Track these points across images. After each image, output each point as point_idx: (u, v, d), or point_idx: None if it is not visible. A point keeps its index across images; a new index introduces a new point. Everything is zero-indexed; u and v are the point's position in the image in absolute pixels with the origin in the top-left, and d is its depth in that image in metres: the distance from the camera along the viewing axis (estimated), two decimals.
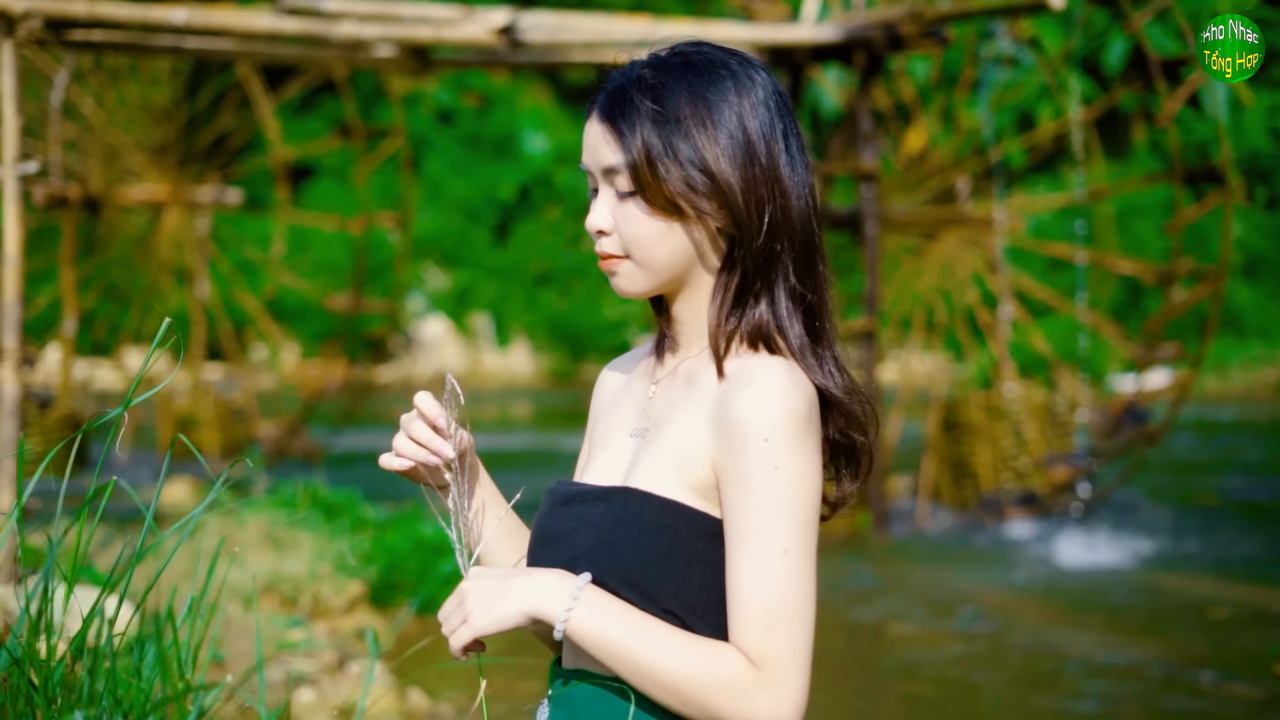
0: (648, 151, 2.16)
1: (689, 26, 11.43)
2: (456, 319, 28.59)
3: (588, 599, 2.10)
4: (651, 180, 2.17)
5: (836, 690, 7.94)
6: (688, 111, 2.17)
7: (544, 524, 2.29)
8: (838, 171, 12.33)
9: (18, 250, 8.19)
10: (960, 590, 10.16)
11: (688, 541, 2.15)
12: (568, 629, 2.10)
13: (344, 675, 7.46)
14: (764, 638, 2.06)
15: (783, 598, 2.07)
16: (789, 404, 2.10)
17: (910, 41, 11.26)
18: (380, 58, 10.71)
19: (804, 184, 2.22)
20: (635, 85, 2.20)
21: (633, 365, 2.45)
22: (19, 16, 8.22)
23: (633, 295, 2.28)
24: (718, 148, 2.16)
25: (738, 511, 2.10)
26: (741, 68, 2.23)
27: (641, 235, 2.21)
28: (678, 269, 2.23)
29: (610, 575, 2.14)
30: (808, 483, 2.10)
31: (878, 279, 11.72)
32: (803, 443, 2.10)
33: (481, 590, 2.13)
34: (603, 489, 2.25)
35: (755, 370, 2.15)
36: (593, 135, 2.24)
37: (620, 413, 2.38)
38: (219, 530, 9.30)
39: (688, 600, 2.14)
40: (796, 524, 2.09)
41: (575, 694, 2.24)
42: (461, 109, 31.30)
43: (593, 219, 2.25)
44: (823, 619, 7.42)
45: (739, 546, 2.09)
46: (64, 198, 15.02)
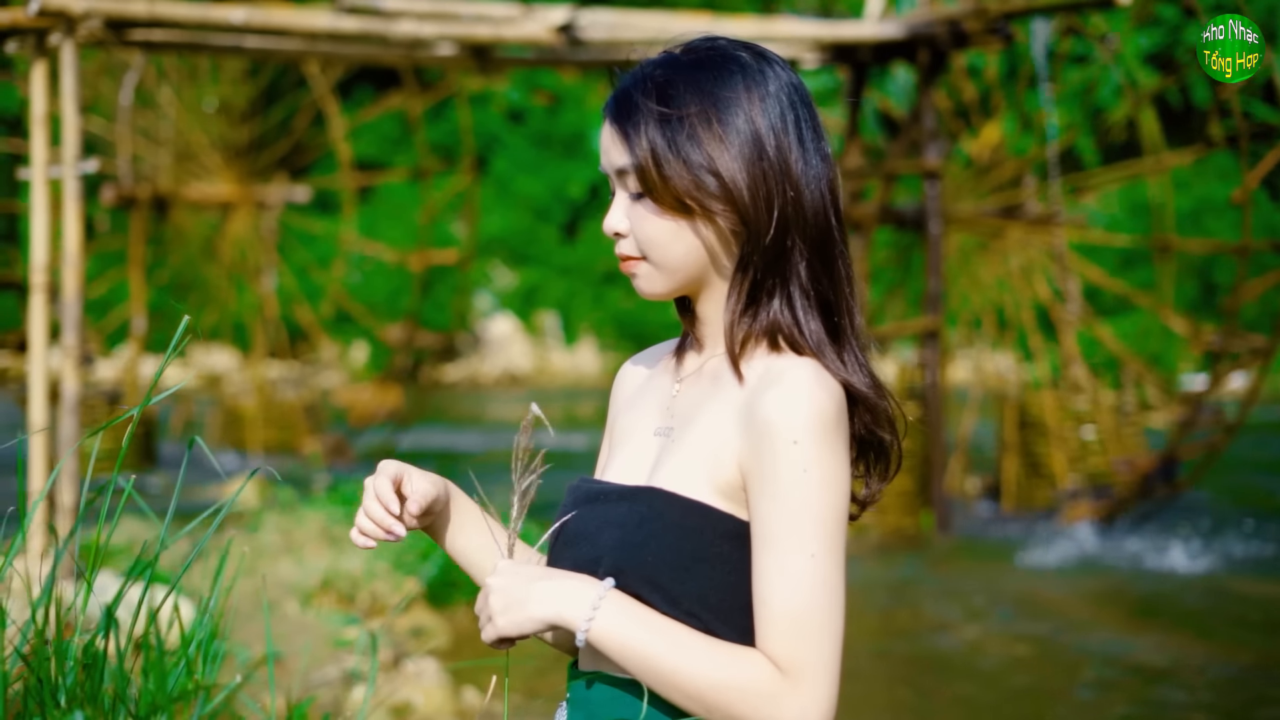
0: (653, 152, 2.13)
1: (752, 23, 11.37)
2: (524, 317, 28.66)
3: (610, 606, 2.07)
4: (658, 180, 2.14)
5: (892, 690, 7.88)
6: (694, 110, 2.13)
7: (566, 523, 2.25)
8: (901, 170, 12.24)
9: (77, 249, 8.25)
10: (1022, 591, 10.05)
11: (713, 543, 2.11)
12: (590, 636, 2.07)
13: (399, 674, 7.47)
14: (791, 643, 2.01)
15: (810, 602, 2.02)
16: (817, 405, 2.06)
17: (974, 38, 11.16)
18: (440, 56, 10.71)
19: (820, 178, 2.18)
20: (642, 85, 2.17)
21: (654, 362, 2.41)
22: (79, 17, 8.28)
23: (654, 296, 2.25)
24: (723, 145, 2.12)
25: (765, 514, 2.05)
26: (755, 61, 2.18)
27: (654, 236, 2.18)
28: (694, 269, 2.20)
29: (633, 576, 2.10)
30: (837, 485, 2.06)
31: (941, 278, 11.62)
32: (831, 444, 2.06)
33: (505, 591, 2.10)
34: (627, 488, 2.22)
35: (783, 370, 2.11)
36: (605, 138, 2.22)
37: (642, 410, 2.34)
38: (278, 528, 9.35)
39: (711, 603, 2.10)
40: (825, 527, 2.04)
41: (594, 696, 2.21)
42: (531, 108, 31.38)
43: (609, 221, 2.23)
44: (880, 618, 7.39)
45: (766, 550, 2.05)
46: (133, 198, 15.17)
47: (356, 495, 10.11)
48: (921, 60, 11.52)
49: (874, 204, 12.09)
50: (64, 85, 8.26)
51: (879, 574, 10.41)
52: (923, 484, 11.54)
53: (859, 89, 12.13)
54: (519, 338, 28.21)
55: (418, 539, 9.33)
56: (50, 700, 2.13)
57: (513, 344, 27.82)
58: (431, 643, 8.23)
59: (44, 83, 8.30)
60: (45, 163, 8.28)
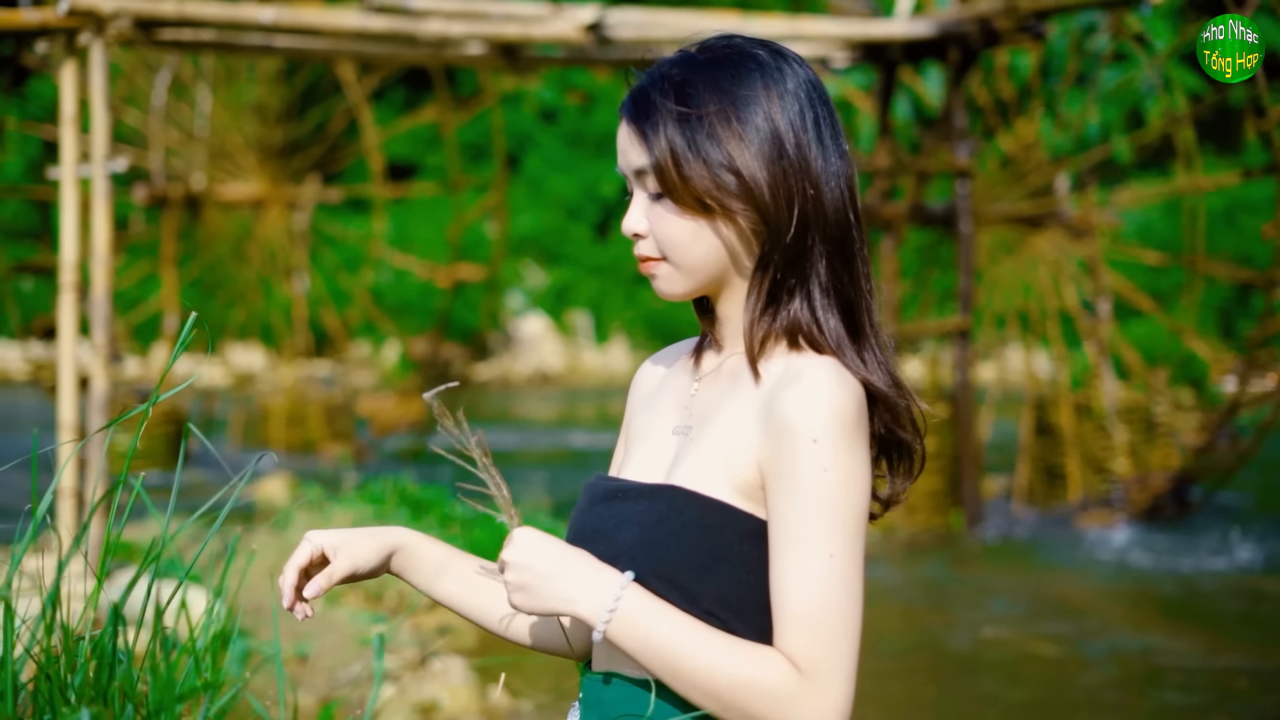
0: (672, 151, 2.11)
1: (781, 21, 11.34)
2: (555, 317, 28.68)
3: (629, 602, 2.05)
4: (678, 180, 2.12)
5: (919, 689, 7.85)
6: (712, 108, 2.11)
7: (583, 520, 2.23)
8: (932, 169, 12.19)
9: (107, 248, 8.29)
10: (1051, 591, 10.01)
11: (732, 542, 2.09)
12: (608, 632, 2.05)
13: (425, 672, 7.47)
14: (809, 643, 2.00)
15: (828, 602, 2.00)
16: (838, 403, 2.04)
17: (1005, 36, 11.11)
18: (469, 55, 10.72)
19: (839, 176, 2.16)
20: (660, 84, 2.15)
21: (672, 361, 2.39)
22: (108, 16, 8.31)
23: (673, 297, 2.23)
24: (743, 143, 2.10)
25: (784, 514, 2.04)
26: (772, 59, 2.16)
27: (674, 236, 2.16)
28: (714, 269, 2.18)
29: (652, 574, 2.08)
30: (856, 485, 2.04)
31: (972, 276, 11.57)
32: (851, 444, 2.04)
33: (521, 571, 2.08)
34: (646, 486, 2.19)
35: (803, 369, 2.09)
36: (622, 138, 2.20)
37: (660, 409, 2.32)
38: (307, 526, 9.37)
39: (730, 602, 2.08)
40: (844, 527, 2.02)
41: (607, 696, 2.20)
42: (564, 107, 31.39)
43: (628, 222, 2.21)
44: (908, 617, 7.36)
45: (785, 549, 2.03)
46: (165, 197, 15.23)
47: (384, 494, 10.14)
48: (952, 58, 11.47)
49: (905, 202, 12.05)
50: (93, 84, 8.30)
51: (907, 573, 10.38)
52: (952, 483, 11.49)
53: (889, 88, 12.08)
54: (551, 337, 28.23)
55: (446, 537, 9.35)
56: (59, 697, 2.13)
57: (544, 343, 27.84)
58: (458, 641, 8.24)
59: (73, 82, 8.33)
60: (75, 162, 8.31)
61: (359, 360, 23.26)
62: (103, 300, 8.22)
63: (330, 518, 9.51)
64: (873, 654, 8.60)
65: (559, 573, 2.08)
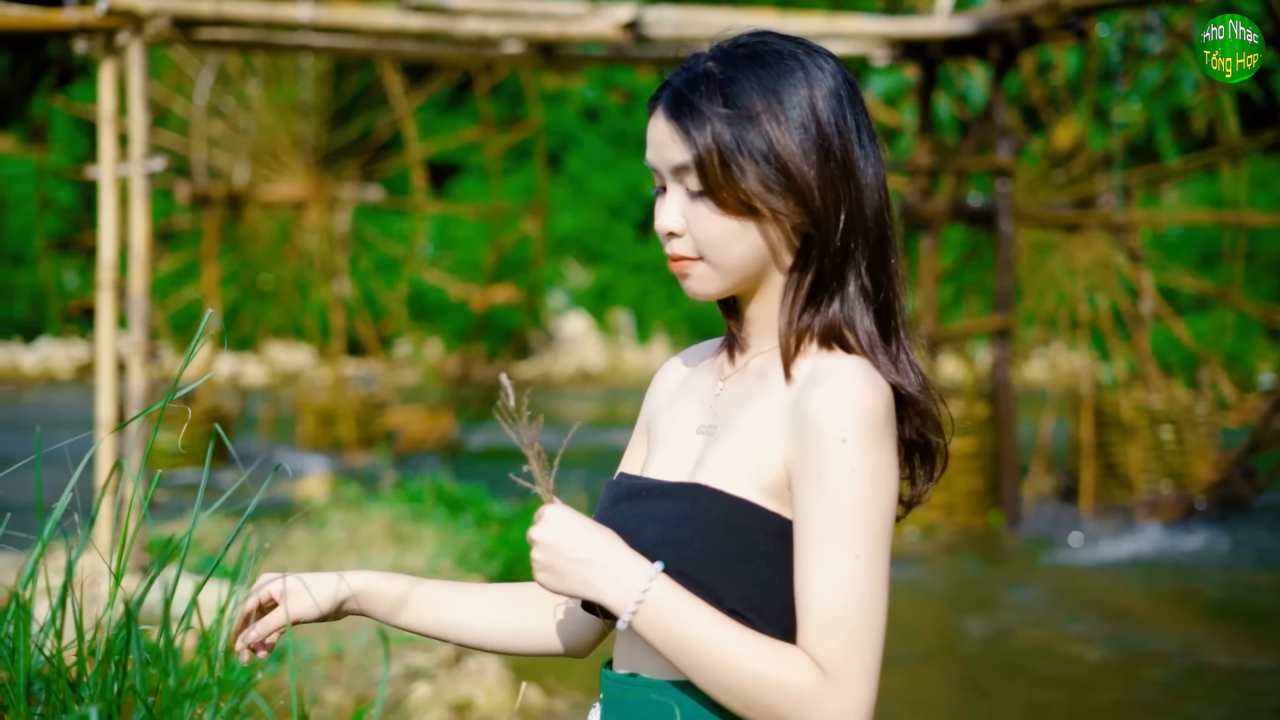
0: (719, 149, 2.08)
1: (821, 19, 11.31)
2: (597, 315, 28.69)
3: (657, 593, 2.03)
4: (724, 180, 2.08)
5: (958, 692, 7.81)
6: (759, 106, 2.07)
7: (606, 518, 2.20)
8: (973, 167, 12.13)
9: (145, 246, 8.32)
10: (1092, 591, 9.95)
11: (757, 542, 2.08)
12: (633, 622, 2.03)
13: (460, 670, 7.48)
14: (833, 644, 1.98)
15: (853, 603, 1.99)
16: (867, 403, 2.03)
17: (1047, 34, 11.04)
18: (507, 54, 10.72)
19: (877, 176, 2.14)
20: (702, 81, 2.12)
21: (696, 361, 2.37)
22: (146, 16, 8.34)
23: (705, 297, 2.21)
24: (793, 143, 2.07)
25: (811, 513, 2.02)
26: (809, 57, 2.12)
27: (715, 236, 2.13)
28: (752, 269, 2.16)
29: (675, 573, 2.06)
30: (884, 486, 2.02)
31: (1012, 275, 11.51)
32: (880, 444, 2.03)
33: (548, 551, 2.08)
34: (670, 484, 2.18)
35: (832, 369, 2.07)
36: (659, 133, 2.16)
37: (684, 409, 2.30)
38: (344, 524, 9.40)
39: (755, 602, 2.06)
40: (871, 529, 2.00)
41: (627, 699, 2.18)
42: (607, 106, 31.40)
43: (663, 220, 2.17)
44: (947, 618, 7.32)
45: (810, 549, 2.01)
46: (207, 196, 15.31)
47: (422, 493, 10.16)
48: (993, 56, 11.41)
49: (944, 201, 11.99)
50: (131, 84, 8.33)
51: (946, 573, 10.33)
52: (993, 483, 11.43)
53: (929, 85, 12.03)
54: (592, 336, 28.24)
55: (482, 535, 9.37)
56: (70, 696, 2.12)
57: (586, 342, 27.86)
58: None
59: (112, 82, 8.37)
60: (113, 160, 8.35)
61: (401, 360, 23.34)
62: (140, 298, 8.26)
63: (368, 516, 9.53)
64: (909, 655, 8.56)
65: (588, 557, 2.07)
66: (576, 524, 2.09)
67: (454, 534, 9.21)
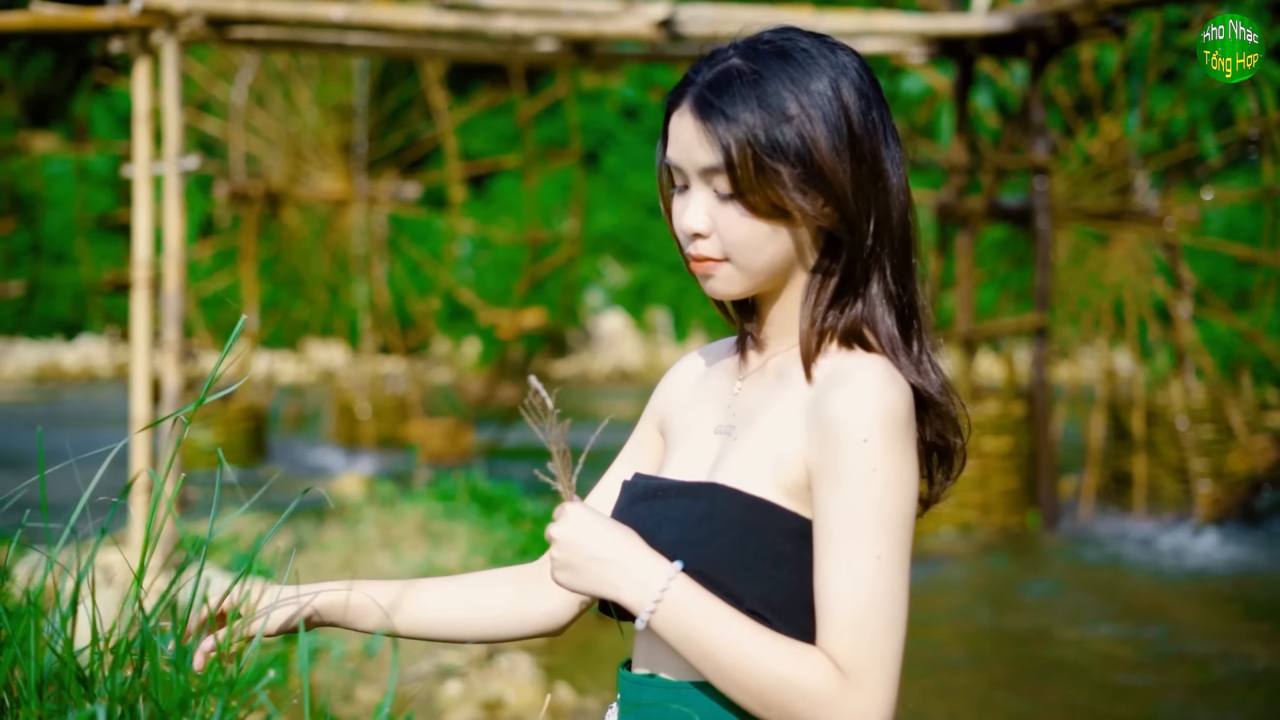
0: (753, 152, 2.04)
1: (857, 16, 11.26)
2: (635, 314, 28.69)
3: (676, 593, 2.02)
4: (758, 183, 2.05)
5: (995, 694, 7.77)
6: (793, 107, 2.04)
7: (622, 518, 2.18)
8: (1009, 164, 12.06)
9: (179, 244, 8.35)
10: (1131, 592, 9.88)
11: (776, 541, 2.06)
12: (651, 621, 2.02)
13: (492, 669, 7.48)
14: (853, 645, 1.97)
15: (874, 605, 1.97)
16: (888, 402, 2.01)
17: (1084, 31, 10.97)
18: (541, 52, 10.71)
19: (901, 177, 2.12)
20: (733, 79, 2.07)
21: (711, 360, 2.36)
22: (180, 15, 8.38)
23: (728, 298, 2.19)
24: (826, 144, 2.04)
25: (830, 513, 2.00)
26: (835, 55, 2.09)
27: (746, 239, 2.10)
28: (778, 271, 2.14)
29: (694, 573, 2.05)
30: (905, 486, 2.01)
31: (1049, 274, 11.45)
32: (900, 444, 2.01)
33: (568, 549, 2.07)
34: (687, 484, 2.16)
35: (853, 368, 2.06)
36: (686, 132, 2.11)
37: (701, 408, 2.29)
38: (377, 522, 9.41)
39: (773, 602, 2.05)
40: (891, 529, 1.99)
41: (644, 698, 2.17)
42: (646, 104, 31.40)
43: (690, 221, 2.13)
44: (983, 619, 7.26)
45: (830, 550, 2.00)
46: (246, 194, 15.37)
47: (455, 491, 10.16)
48: (1030, 54, 11.35)
49: (981, 198, 11.93)
50: (165, 82, 8.36)
51: (983, 574, 10.28)
52: (1029, 482, 11.37)
53: (966, 83, 11.97)
54: (630, 334, 28.23)
55: (515, 534, 9.37)
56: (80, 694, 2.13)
57: (623, 340, 27.85)
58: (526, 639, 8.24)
59: (146, 80, 8.41)
60: (148, 159, 8.39)
61: (439, 357, 23.38)
62: (174, 297, 8.28)
63: (401, 514, 9.55)
64: (945, 656, 8.52)
65: (607, 555, 2.05)
66: (596, 522, 2.08)
67: (487, 532, 9.22)
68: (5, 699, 2.15)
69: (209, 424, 14.17)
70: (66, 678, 2.09)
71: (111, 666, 2.13)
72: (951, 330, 11.95)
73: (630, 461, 2.41)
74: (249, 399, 15.22)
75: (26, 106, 27.45)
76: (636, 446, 2.41)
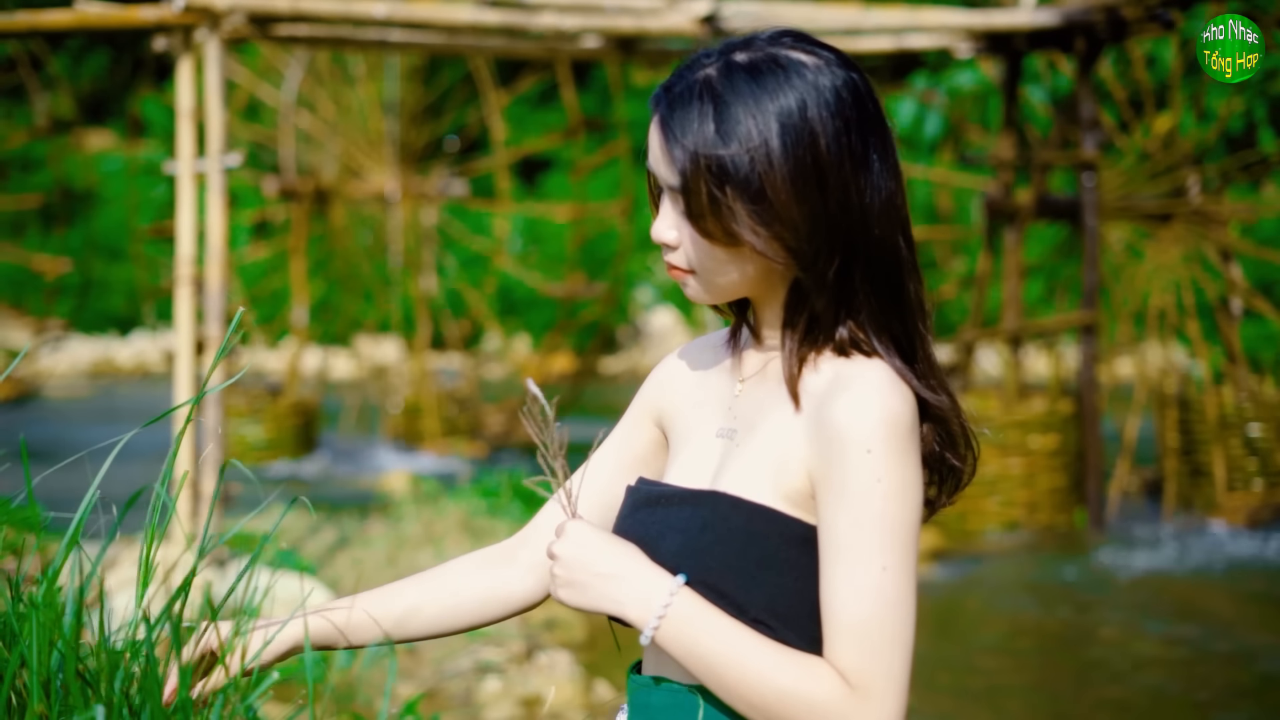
0: (705, 182, 2.00)
1: (902, 12, 11.20)
2: (685, 310, 28.62)
3: (679, 607, 2.01)
4: (710, 212, 2.01)
5: (1040, 691, 7.73)
6: (754, 135, 1.98)
7: (625, 525, 2.18)
8: (1057, 161, 11.96)
9: (222, 242, 8.39)
10: (1176, 592, 9.79)
11: (779, 549, 2.05)
12: (656, 636, 2.01)
13: (531, 665, 7.49)
14: (860, 658, 1.95)
15: (881, 616, 1.95)
16: (891, 411, 1.98)
17: (1133, 26, 10.87)
18: (585, 49, 10.71)
19: (887, 198, 2.04)
20: (698, 95, 2.03)
21: (709, 356, 2.32)
22: (223, 12, 8.41)
23: (706, 303, 2.17)
24: (783, 177, 1.98)
25: (836, 524, 1.98)
26: (818, 71, 2.02)
27: (706, 261, 2.08)
28: (750, 286, 2.11)
29: (698, 583, 2.04)
30: (910, 494, 1.98)
31: (1097, 271, 11.35)
32: (905, 452, 1.98)
33: (569, 567, 2.06)
34: (689, 491, 2.14)
35: (854, 374, 2.02)
36: (654, 144, 2.09)
37: (702, 409, 2.26)
38: (420, 518, 9.43)
39: (779, 610, 2.03)
40: (897, 539, 1.96)
41: (654, 702, 2.17)
42: None
43: (657, 231, 2.11)
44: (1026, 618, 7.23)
45: (836, 561, 1.97)
46: (295, 191, 15.44)
47: (498, 488, 10.18)
48: (1078, 49, 11.26)
49: (1029, 195, 11.85)
50: (208, 80, 8.40)
51: (1028, 573, 10.21)
52: (1076, 481, 11.28)
53: (1014, 79, 11.89)
54: (679, 330, 28.20)
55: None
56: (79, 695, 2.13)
57: (673, 336, 27.79)
58: (565, 635, 8.24)
59: (190, 78, 8.44)
60: (192, 156, 8.43)
61: (490, 353, 23.42)
62: (217, 294, 8.32)
63: (444, 510, 9.57)
64: (988, 655, 8.48)
65: (610, 571, 2.04)
66: (598, 539, 2.07)
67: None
68: (13, 698, 2.15)
69: (258, 419, 14.23)
70: (68, 677, 2.09)
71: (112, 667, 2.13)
72: (998, 327, 11.87)
73: (619, 448, 2.38)
74: (298, 394, 15.28)
75: (83, 104, 27.64)
76: (626, 434, 2.38)
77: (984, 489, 10.95)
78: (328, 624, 2.34)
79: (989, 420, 10.88)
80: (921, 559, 9.92)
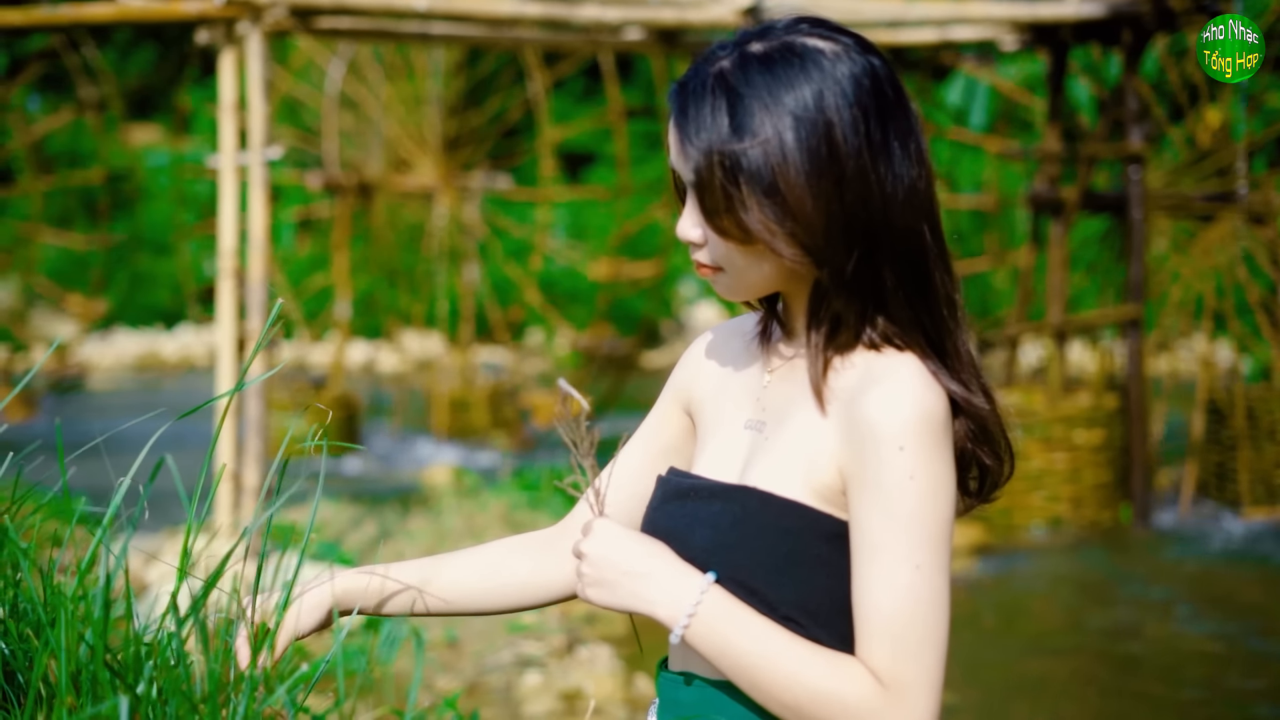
0: (720, 179, 1.97)
1: (946, 4, 11.12)
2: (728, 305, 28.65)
3: (709, 606, 1.98)
4: (725, 209, 1.99)
5: (1084, 690, 7.68)
6: (768, 129, 1.95)
7: (655, 518, 2.17)
8: (1103, 154, 11.87)
9: (264, 234, 8.41)
10: (1222, 588, 9.72)
11: (811, 545, 2.02)
12: (686, 636, 1.99)
13: (572, 660, 7.47)
14: (893, 657, 1.92)
15: (914, 616, 1.93)
16: (924, 405, 1.95)
17: (1181, 17, 10.77)
18: (627, 41, 10.68)
19: (911, 188, 2.00)
20: (712, 88, 1.99)
21: (737, 343, 2.28)
22: (264, 5, 8.42)
23: (739, 300, 2.14)
24: (798, 171, 1.94)
25: (868, 522, 1.95)
26: (836, 59, 1.98)
27: (729, 259, 2.05)
28: (775, 285, 2.08)
29: (728, 580, 2.02)
30: (943, 493, 1.95)
31: (1143, 264, 11.26)
32: (938, 449, 1.95)
33: (598, 566, 2.04)
34: (720, 486, 2.12)
35: (886, 370, 1.99)
36: (672, 138, 2.06)
37: (731, 399, 2.23)
38: (461, 512, 9.44)
39: (810, 607, 2.01)
40: (930, 537, 1.94)
41: (684, 698, 2.15)
42: None
43: (681, 229, 2.08)
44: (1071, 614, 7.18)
45: (869, 560, 1.95)
46: (339, 185, 15.48)
47: (539, 481, 10.17)
48: (1125, 40, 11.16)
49: (1074, 189, 11.75)
50: (250, 73, 8.41)
51: (1073, 568, 10.15)
52: (1122, 476, 11.20)
53: (1060, 71, 11.80)
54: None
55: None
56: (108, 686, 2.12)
57: None
58: (606, 629, 8.23)
59: (232, 71, 8.46)
60: (234, 150, 8.44)
61: (532, 348, 23.43)
62: (258, 286, 8.34)
63: (485, 504, 9.57)
64: (1033, 650, 8.43)
65: (639, 570, 2.02)
66: (626, 537, 2.05)
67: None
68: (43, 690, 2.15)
69: (301, 413, 14.28)
70: (97, 669, 2.09)
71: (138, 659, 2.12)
72: (1044, 321, 11.79)
73: (650, 437, 2.36)
74: (341, 388, 15.32)
75: (130, 99, 27.78)
76: (657, 423, 2.36)
77: (1028, 484, 10.87)
78: (368, 586, 2.35)
79: (1034, 415, 10.81)
80: (965, 554, 9.87)
